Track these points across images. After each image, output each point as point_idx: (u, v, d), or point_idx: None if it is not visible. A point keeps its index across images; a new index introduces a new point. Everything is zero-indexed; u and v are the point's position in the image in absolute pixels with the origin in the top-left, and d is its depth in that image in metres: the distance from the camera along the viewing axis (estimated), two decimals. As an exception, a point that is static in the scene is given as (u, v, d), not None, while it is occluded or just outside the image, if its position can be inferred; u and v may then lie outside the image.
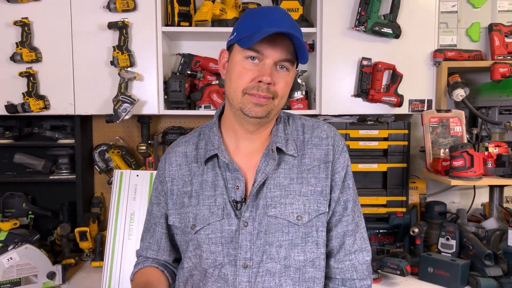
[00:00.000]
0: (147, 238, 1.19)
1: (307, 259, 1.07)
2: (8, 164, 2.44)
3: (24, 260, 1.80)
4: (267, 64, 1.00)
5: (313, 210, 1.06)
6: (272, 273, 1.04)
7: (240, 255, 1.04)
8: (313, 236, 1.07)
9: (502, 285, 1.85)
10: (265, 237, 1.04)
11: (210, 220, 1.05)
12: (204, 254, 1.06)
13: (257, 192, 1.05)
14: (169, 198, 1.12)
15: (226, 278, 1.04)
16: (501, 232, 2.06)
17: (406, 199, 2.28)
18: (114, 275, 1.77)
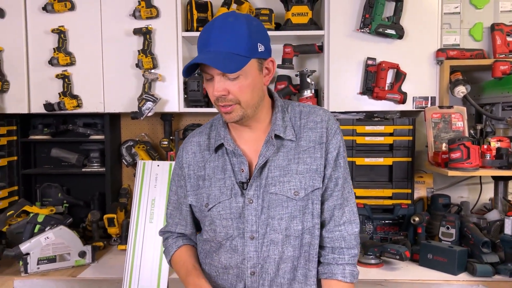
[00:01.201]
0: (177, 215, 1.36)
1: (305, 228, 1.23)
2: (46, 158, 2.71)
3: (58, 239, 2.04)
4: (215, 79, 1.14)
5: (309, 186, 1.22)
6: (275, 242, 1.21)
7: (247, 228, 1.21)
8: (309, 208, 1.23)
9: (499, 271, 1.95)
10: (267, 211, 1.21)
11: (220, 199, 1.22)
12: (218, 229, 1.24)
13: (259, 173, 1.22)
14: (187, 181, 1.30)
15: (236, 249, 1.22)
16: (502, 223, 2.14)
17: (411, 191, 2.39)
18: (136, 255, 1.97)
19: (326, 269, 1.26)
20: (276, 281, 1.23)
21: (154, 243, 1.98)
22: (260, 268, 1.21)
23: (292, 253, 1.23)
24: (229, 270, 1.25)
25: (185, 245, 1.37)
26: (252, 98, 1.18)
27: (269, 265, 1.22)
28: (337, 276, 1.24)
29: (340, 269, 1.24)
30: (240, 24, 1.12)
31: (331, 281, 1.25)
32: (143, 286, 1.91)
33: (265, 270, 1.22)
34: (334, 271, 1.25)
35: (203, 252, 1.33)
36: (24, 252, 1.97)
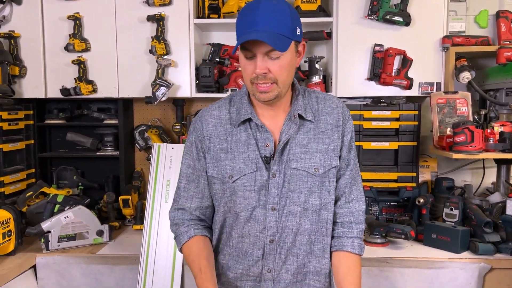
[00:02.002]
0: (192, 188, 1.38)
1: (322, 204, 1.31)
2: (61, 142, 2.79)
3: (77, 218, 2.13)
4: (258, 58, 1.20)
5: (327, 164, 1.31)
6: (294, 214, 1.29)
7: (269, 200, 1.28)
8: (326, 185, 1.31)
9: (500, 250, 2.03)
10: (288, 185, 1.28)
11: (245, 171, 1.29)
12: (238, 200, 1.30)
13: (282, 150, 1.29)
14: (207, 153, 1.34)
15: (257, 219, 1.29)
16: (503, 205, 2.22)
17: (416, 175, 2.47)
18: (152, 233, 2.06)
19: (336, 242, 1.35)
20: (292, 251, 1.31)
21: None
22: (278, 237, 1.29)
23: (309, 226, 1.31)
24: (244, 239, 1.32)
25: (197, 236, 1.35)
26: (288, 78, 1.25)
27: (287, 235, 1.30)
28: (347, 248, 1.33)
29: (349, 242, 1.33)
30: (284, 7, 1.19)
31: (341, 252, 1.34)
32: (159, 262, 2.01)
33: (282, 239, 1.30)
34: (344, 244, 1.33)
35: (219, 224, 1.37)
36: (45, 230, 2.06)
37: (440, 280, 1.98)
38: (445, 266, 1.98)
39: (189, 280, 2.05)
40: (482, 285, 1.98)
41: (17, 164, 2.52)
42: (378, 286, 2.00)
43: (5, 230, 1.94)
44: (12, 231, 1.98)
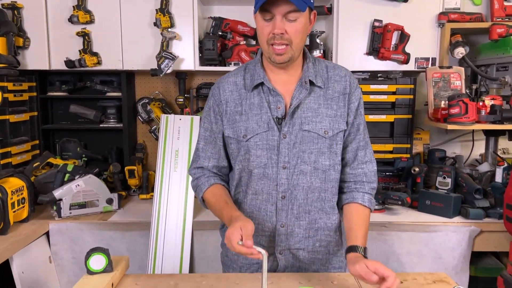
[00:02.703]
0: (209, 149, 1.49)
1: (331, 164, 1.41)
2: (64, 114, 2.82)
3: (88, 187, 2.19)
4: (277, 19, 1.29)
5: (336, 128, 1.40)
6: (304, 173, 1.39)
7: (280, 159, 1.38)
8: (334, 148, 1.41)
9: (489, 214, 2.18)
10: (299, 146, 1.38)
11: (258, 131, 1.39)
12: (251, 158, 1.40)
13: (293, 113, 1.38)
14: (224, 116, 1.44)
15: (269, 177, 1.40)
16: (492, 173, 2.36)
17: (410, 146, 2.59)
18: (162, 200, 2.14)
19: (348, 196, 1.45)
20: (304, 207, 1.41)
21: (179, 190, 2.15)
22: (289, 194, 1.40)
23: (319, 184, 1.41)
24: (258, 196, 1.42)
25: (217, 184, 1.47)
26: (301, 42, 1.35)
27: (298, 192, 1.40)
28: (357, 200, 1.42)
29: (360, 195, 1.43)
30: None
31: (351, 204, 1.43)
32: (170, 228, 2.10)
33: (294, 196, 1.40)
34: (354, 197, 1.43)
35: (235, 182, 1.48)
36: (57, 198, 2.12)
37: (434, 242, 2.12)
38: (439, 230, 2.12)
39: (199, 245, 2.15)
40: (472, 246, 2.13)
41: (22, 136, 2.55)
42: (377, 248, 2.14)
43: (19, 197, 1.99)
44: (25, 199, 2.03)
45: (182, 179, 2.15)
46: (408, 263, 2.13)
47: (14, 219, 1.97)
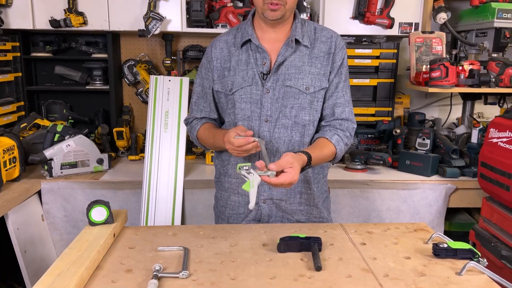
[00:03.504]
0: (202, 103, 1.59)
1: (310, 120, 1.49)
2: (48, 76, 2.79)
3: (78, 147, 2.21)
4: None
5: (317, 86, 1.47)
6: (285, 127, 1.47)
7: (263, 112, 1.46)
8: (315, 104, 1.49)
9: (464, 173, 2.32)
10: (282, 101, 1.46)
11: (242, 85, 1.47)
12: (237, 110, 1.48)
13: (277, 69, 1.45)
14: (214, 72, 1.53)
15: (252, 129, 1.47)
16: (468, 135, 2.49)
17: (391, 109, 2.69)
18: (154, 159, 2.19)
19: (319, 134, 1.50)
20: None
21: (170, 149, 2.19)
22: (271, 146, 1.48)
23: (299, 138, 1.49)
24: None
25: (208, 122, 1.58)
26: (294, 3, 1.42)
27: (279, 145, 1.48)
28: (325, 135, 1.47)
29: (330, 134, 1.47)
30: None
31: (319, 138, 1.47)
32: (161, 187, 2.15)
33: (276, 148, 1.48)
34: (325, 133, 1.48)
35: None
36: (48, 157, 2.13)
37: (413, 199, 2.25)
38: (417, 187, 2.25)
39: (190, 203, 2.22)
40: (447, 203, 2.28)
41: (6, 97, 2.52)
42: (359, 204, 2.25)
43: (11, 156, 2.00)
44: (16, 158, 2.05)
45: (172, 139, 2.20)
46: (388, 219, 2.26)
47: (6, 178, 1.99)
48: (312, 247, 1.25)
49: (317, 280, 1.11)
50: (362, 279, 1.12)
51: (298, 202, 1.56)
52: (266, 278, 1.11)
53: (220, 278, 1.11)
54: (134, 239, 1.37)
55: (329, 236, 1.39)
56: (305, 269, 1.17)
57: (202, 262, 1.20)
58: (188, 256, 1.24)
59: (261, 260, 1.22)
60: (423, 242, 1.36)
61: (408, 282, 1.10)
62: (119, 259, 1.23)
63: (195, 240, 1.35)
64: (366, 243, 1.34)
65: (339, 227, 1.47)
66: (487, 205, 2.08)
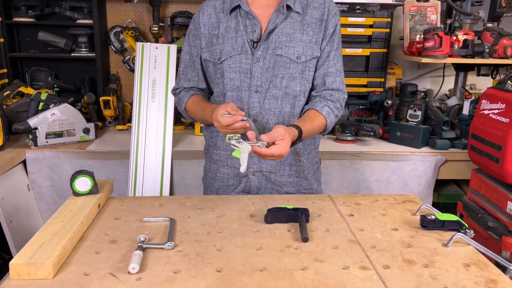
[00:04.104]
0: (189, 72, 1.53)
1: (301, 90, 1.45)
2: (32, 42, 2.70)
3: (64, 116, 2.16)
4: None
5: (309, 54, 1.42)
6: (275, 97, 1.43)
7: (253, 83, 1.41)
8: (306, 74, 1.44)
9: (454, 145, 2.31)
10: (272, 71, 1.41)
11: (231, 53, 1.41)
12: (226, 80, 1.43)
13: (267, 37, 1.40)
14: (202, 39, 1.46)
15: (242, 100, 1.43)
16: (460, 107, 2.48)
17: (384, 80, 2.65)
18: (141, 129, 2.15)
19: (309, 105, 1.44)
20: None
21: (158, 119, 2.15)
22: (261, 118, 1.44)
23: (289, 109, 1.45)
24: None
25: (197, 94, 1.52)
26: None
27: (269, 117, 1.44)
28: (316, 107, 1.42)
29: (320, 105, 1.42)
30: None
31: (310, 110, 1.43)
32: (149, 157, 2.12)
33: (265, 120, 1.44)
34: (315, 105, 1.44)
35: None
36: (32, 126, 2.09)
37: (402, 171, 2.25)
38: (407, 159, 2.24)
39: (178, 174, 2.20)
40: (437, 174, 2.28)
41: (-12, 63, 2.45)
42: (349, 176, 2.25)
43: (-7, 125, 1.95)
44: (-1, 127, 2.00)
45: (160, 109, 2.15)
46: (377, 190, 2.26)
47: (-11, 147, 1.95)
48: (300, 219, 1.24)
49: (304, 251, 1.10)
50: (349, 250, 1.11)
51: (288, 174, 1.53)
52: (253, 249, 1.10)
53: (206, 249, 1.10)
54: (119, 209, 1.35)
55: (317, 207, 1.37)
56: (292, 240, 1.16)
57: (188, 233, 1.19)
58: (174, 227, 1.22)
59: (248, 231, 1.21)
60: (411, 213, 1.35)
61: (394, 254, 1.10)
62: (103, 230, 1.21)
63: (182, 211, 1.33)
64: (354, 214, 1.33)
65: (327, 198, 1.46)
66: (476, 177, 2.09)
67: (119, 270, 1.00)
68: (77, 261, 1.04)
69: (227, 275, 0.98)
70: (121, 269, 1.00)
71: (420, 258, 1.08)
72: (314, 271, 1.00)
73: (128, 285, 0.94)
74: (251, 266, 1.02)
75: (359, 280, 0.97)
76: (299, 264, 1.03)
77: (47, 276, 0.96)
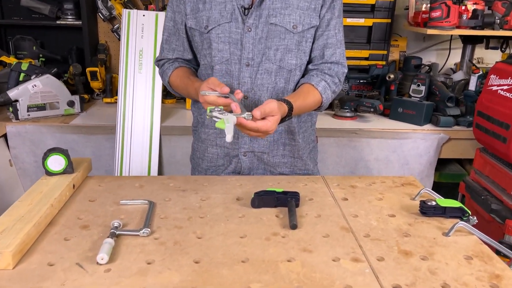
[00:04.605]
0: (174, 41, 1.39)
1: (297, 64, 1.32)
2: (15, 9, 2.55)
3: (46, 88, 2.05)
4: None
5: (307, 23, 1.28)
6: (269, 72, 1.30)
7: (244, 55, 1.28)
8: (303, 45, 1.30)
9: (459, 122, 2.19)
10: (265, 42, 1.27)
11: (220, 21, 1.26)
12: (213, 52, 1.29)
13: (260, 2, 1.25)
14: (187, 4, 1.31)
15: (232, 74, 1.30)
16: (466, 82, 2.34)
17: (387, 53, 2.51)
18: (127, 103, 2.03)
19: (305, 79, 1.32)
20: None
21: (145, 92, 2.04)
22: (253, 94, 1.31)
23: (283, 85, 1.33)
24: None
25: (181, 67, 1.39)
26: None
27: (262, 93, 1.31)
28: (311, 81, 1.29)
29: (316, 79, 1.30)
30: None
31: (305, 84, 1.30)
32: (136, 131, 2.02)
33: (258, 97, 1.31)
34: (311, 79, 1.30)
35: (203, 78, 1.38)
36: (12, 98, 1.97)
37: (403, 149, 2.14)
38: (408, 137, 2.13)
39: (167, 150, 2.10)
40: (439, 153, 2.17)
41: (-32, 31, 2.32)
42: (346, 154, 2.15)
43: (-30, 97, 1.85)
44: (-23, 99, 1.89)
45: (147, 81, 2.03)
46: (376, 169, 2.17)
47: (-34, 120, 1.85)
48: (289, 203, 1.15)
49: (291, 239, 1.01)
50: (341, 239, 1.02)
51: (282, 154, 1.42)
52: (236, 237, 1.01)
53: (185, 237, 1.01)
54: (96, 190, 1.25)
55: (309, 190, 1.28)
56: (279, 227, 1.06)
57: (167, 217, 1.10)
58: (153, 211, 1.13)
59: (233, 217, 1.11)
60: (410, 198, 1.25)
61: (390, 244, 1.00)
62: (76, 214, 1.11)
63: (163, 193, 1.24)
64: (348, 198, 1.24)
65: (320, 180, 1.36)
66: (480, 156, 1.98)
67: (88, 259, 0.91)
68: (43, 249, 0.95)
69: (205, 266, 0.89)
70: (90, 258, 0.91)
71: (418, 249, 0.99)
72: (301, 263, 0.91)
73: (94, 277, 0.85)
74: (233, 256, 0.93)
75: (350, 274, 0.88)
76: (285, 255, 0.94)
77: (6, 267, 0.87)
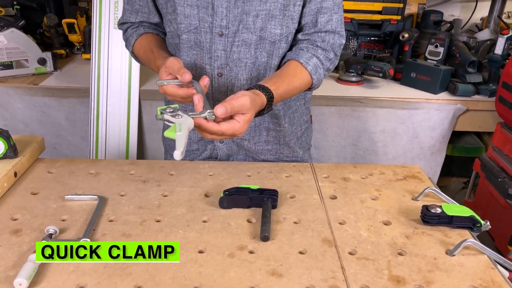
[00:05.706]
0: (136, 1, 1.14)
1: (283, 34, 1.06)
2: None
3: (12, 44, 1.82)
4: None
5: None
6: (247, 44, 1.05)
7: (216, 22, 1.03)
8: (290, 10, 1.04)
9: (479, 91, 1.93)
10: (242, 5, 1.01)
11: None
12: (179, 18, 1.04)
13: None
14: None
15: (201, 46, 1.06)
16: (492, 43, 2.05)
17: (403, 6, 2.20)
18: (102, 63, 1.81)
19: (293, 53, 1.09)
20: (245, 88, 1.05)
21: (121, 51, 1.80)
22: (228, 71, 1.08)
23: (265, 59, 1.08)
24: (193, 70, 1.09)
25: (146, 33, 1.17)
26: None
27: (240, 70, 1.08)
28: (300, 58, 1.06)
29: (307, 55, 1.07)
30: None
31: (292, 61, 1.07)
32: (112, 95, 1.81)
33: (234, 74, 1.08)
34: (300, 55, 1.07)
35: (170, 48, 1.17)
36: (-26, 56, 1.77)
37: (413, 121, 1.90)
38: (420, 107, 1.88)
39: (148, 117, 1.90)
40: (454, 125, 1.93)
41: None
42: (348, 125, 1.92)
43: None
44: None
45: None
46: (381, 142, 1.94)
47: None
48: (264, 204, 0.96)
49: (260, 256, 0.82)
50: (320, 257, 0.83)
51: (265, 140, 1.21)
52: (193, 251, 0.83)
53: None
54: (43, 179, 1.07)
55: (292, 184, 1.08)
56: (248, 237, 0.88)
57: (117, 220, 0.92)
58: (101, 211, 0.95)
59: (195, 221, 0.93)
60: (412, 197, 1.05)
61: (380, 265, 0.81)
62: (11, 212, 0.94)
63: (120, 185, 1.05)
64: (337, 196, 1.04)
65: (308, 169, 1.16)
66: (501, 132, 1.74)
67: (7, 281, 0.75)
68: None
69: (145, 297, 0.72)
70: (10, 279, 0.75)
71: (413, 274, 0.80)
72: (265, 294, 0.74)
73: (4, 313, 0.69)
74: (183, 282, 0.76)
75: (323, 315, 0.71)
76: (248, 281, 0.76)
77: None
